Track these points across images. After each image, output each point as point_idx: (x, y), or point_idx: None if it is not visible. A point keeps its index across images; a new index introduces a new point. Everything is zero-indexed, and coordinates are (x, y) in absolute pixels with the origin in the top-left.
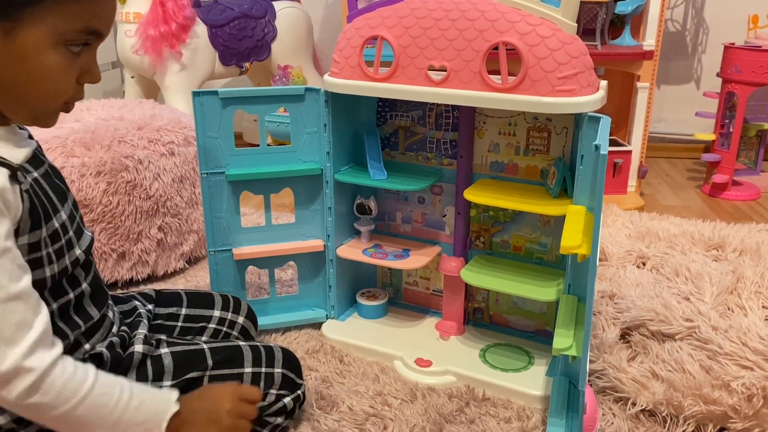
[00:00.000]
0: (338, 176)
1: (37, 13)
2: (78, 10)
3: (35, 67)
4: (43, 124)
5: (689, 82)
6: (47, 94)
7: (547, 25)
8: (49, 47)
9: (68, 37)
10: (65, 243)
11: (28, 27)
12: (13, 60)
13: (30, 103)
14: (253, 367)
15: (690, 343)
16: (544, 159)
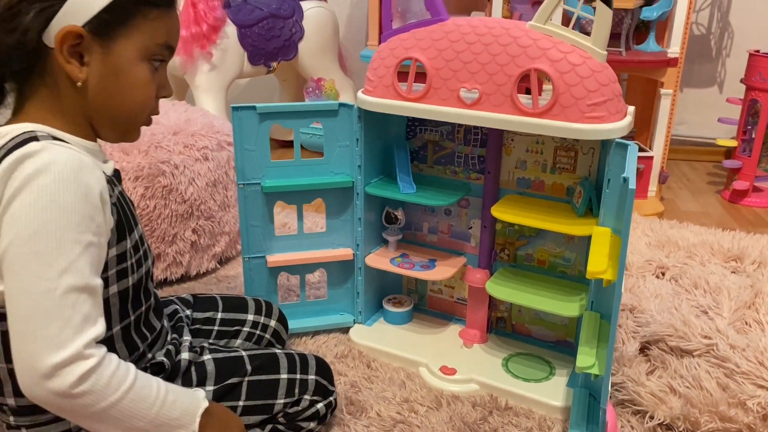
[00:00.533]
0: (369, 189)
1: (130, 30)
2: (160, 26)
3: (128, 80)
4: (130, 138)
5: (712, 86)
6: (137, 105)
7: (577, 53)
8: (138, 61)
9: (153, 51)
10: (142, 254)
11: (122, 43)
12: (109, 75)
13: (122, 116)
14: (289, 374)
15: (708, 360)
16: (570, 177)
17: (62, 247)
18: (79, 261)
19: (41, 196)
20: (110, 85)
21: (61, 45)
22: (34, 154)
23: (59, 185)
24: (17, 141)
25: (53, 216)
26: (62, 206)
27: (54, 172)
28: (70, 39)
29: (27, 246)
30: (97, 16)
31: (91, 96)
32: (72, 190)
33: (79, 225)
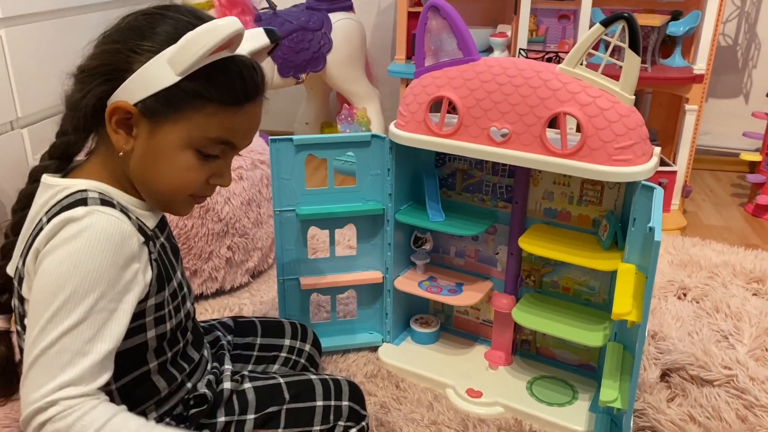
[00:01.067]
0: (399, 216)
1: (179, 118)
2: (216, 121)
3: (167, 163)
4: (174, 212)
5: (738, 97)
6: (173, 187)
7: (606, 98)
8: (180, 149)
9: (201, 144)
10: (180, 299)
11: (168, 128)
12: (150, 155)
13: (158, 192)
14: (324, 401)
15: (727, 391)
16: (596, 210)
17: (71, 310)
18: (81, 326)
19: (66, 259)
20: (148, 162)
21: (110, 116)
22: (77, 220)
23: (86, 252)
24: (69, 201)
25: (72, 280)
26: (83, 272)
27: (85, 239)
28: (120, 113)
29: (42, 301)
30: (149, 98)
31: (132, 166)
32: (98, 259)
33: (96, 291)
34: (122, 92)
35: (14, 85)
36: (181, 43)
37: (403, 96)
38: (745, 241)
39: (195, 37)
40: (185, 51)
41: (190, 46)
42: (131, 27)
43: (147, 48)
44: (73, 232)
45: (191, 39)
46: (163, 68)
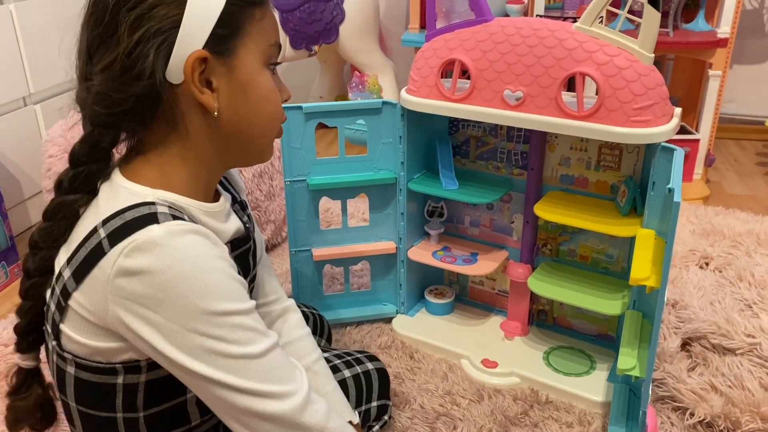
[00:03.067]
0: (411, 185)
1: (245, 38)
2: (268, 25)
3: (258, 93)
4: (266, 156)
5: (764, 62)
6: (271, 117)
7: (624, 56)
8: (261, 68)
9: (269, 53)
10: None
11: (242, 55)
12: (238, 93)
13: (258, 134)
14: (355, 407)
15: (750, 359)
16: (614, 175)
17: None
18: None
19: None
20: (241, 105)
21: (192, 75)
22: (154, 249)
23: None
24: (136, 217)
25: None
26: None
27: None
28: (198, 66)
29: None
30: (212, 34)
31: (225, 123)
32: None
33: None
34: (182, 47)
35: (26, 61)
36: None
37: (415, 60)
38: None
39: None
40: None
41: None
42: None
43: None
44: (163, 259)
45: None
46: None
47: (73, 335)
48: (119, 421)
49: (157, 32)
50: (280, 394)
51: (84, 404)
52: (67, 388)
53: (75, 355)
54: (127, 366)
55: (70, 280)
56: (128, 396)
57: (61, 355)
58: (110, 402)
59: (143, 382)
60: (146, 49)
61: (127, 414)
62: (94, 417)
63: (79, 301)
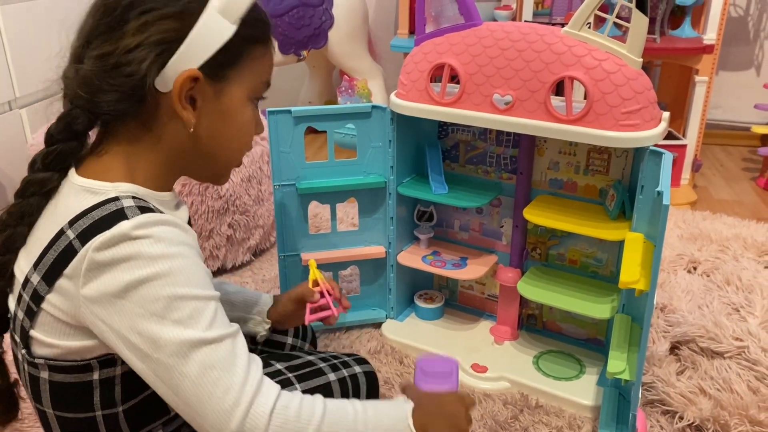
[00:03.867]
0: (401, 189)
1: (240, 71)
2: (264, 63)
3: (236, 123)
4: (223, 181)
5: (749, 69)
6: (241, 148)
7: (612, 60)
8: (246, 101)
9: (257, 89)
10: None
11: (233, 86)
12: (218, 118)
13: (223, 159)
14: None
15: (738, 363)
16: (603, 179)
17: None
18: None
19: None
20: (217, 129)
21: (180, 91)
22: (125, 242)
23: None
24: (104, 215)
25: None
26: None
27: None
28: (188, 84)
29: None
30: (212, 58)
31: (196, 140)
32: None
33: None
34: (180, 61)
35: (11, 65)
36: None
37: (404, 64)
38: (757, 215)
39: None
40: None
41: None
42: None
43: (190, 6)
44: (131, 249)
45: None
46: (218, 21)
47: (44, 338)
48: (99, 420)
49: (160, 41)
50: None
51: (61, 408)
52: (43, 395)
53: (47, 358)
54: (102, 360)
55: (41, 284)
56: (105, 392)
57: (32, 362)
58: (88, 401)
59: (119, 374)
60: (145, 53)
61: (106, 411)
62: (73, 420)
63: (53, 303)
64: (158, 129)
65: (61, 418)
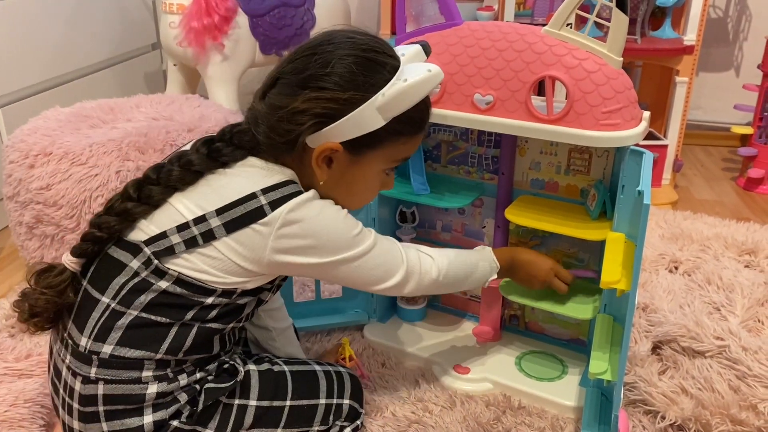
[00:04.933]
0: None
1: (379, 151)
2: (407, 148)
3: (361, 188)
4: (355, 208)
5: (728, 70)
6: (361, 202)
7: (593, 60)
8: (375, 174)
9: (393, 165)
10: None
11: (368, 162)
12: (348, 181)
13: (347, 204)
14: (327, 399)
15: (720, 362)
16: (584, 179)
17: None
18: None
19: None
20: (344, 186)
21: (319, 154)
22: (307, 204)
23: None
24: (291, 192)
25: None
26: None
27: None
28: (328, 152)
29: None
30: (355, 138)
31: (325, 188)
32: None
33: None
34: (330, 133)
35: None
36: (393, 95)
37: None
38: (737, 215)
39: (408, 90)
40: (397, 103)
41: (402, 98)
42: (333, 73)
43: (354, 97)
44: (315, 208)
45: (405, 92)
46: (373, 114)
47: (197, 262)
48: (171, 332)
49: (320, 115)
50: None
51: (150, 312)
52: (143, 296)
53: (182, 273)
54: (226, 290)
55: (220, 228)
56: (201, 312)
57: (159, 270)
58: (180, 314)
59: (223, 304)
60: (304, 119)
61: (187, 322)
62: (150, 325)
63: (231, 246)
64: (302, 169)
65: (140, 321)
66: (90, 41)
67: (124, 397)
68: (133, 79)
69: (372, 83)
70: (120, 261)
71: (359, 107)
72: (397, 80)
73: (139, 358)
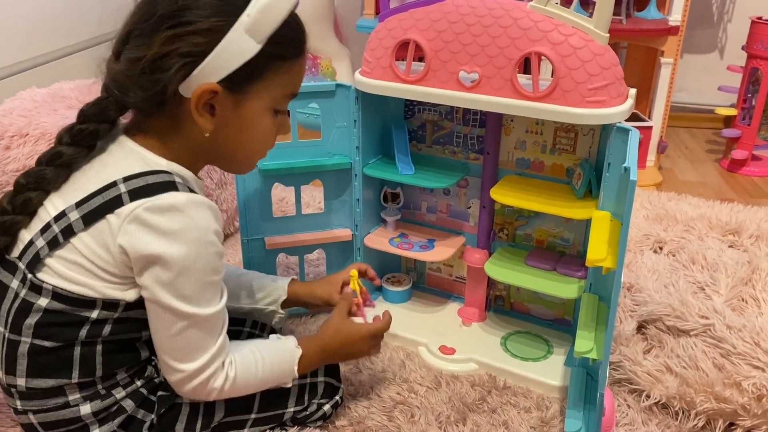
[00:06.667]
0: (367, 170)
1: (261, 85)
2: (289, 77)
3: (253, 131)
4: (245, 171)
5: (713, 52)
6: (257, 152)
7: (579, 36)
8: (265, 112)
9: (279, 101)
10: None
11: (253, 99)
12: (235, 125)
13: (240, 158)
14: (299, 379)
15: (704, 340)
16: (570, 158)
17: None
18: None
19: (185, 251)
20: (234, 134)
21: (198, 101)
22: (173, 212)
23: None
24: (157, 181)
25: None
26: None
27: (195, 233)
28: (206, 96)
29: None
30: (233, 73)
31: (213, 142)
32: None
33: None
34: (202, 73)
35: None
36: (258, 10)
37: (368, 41)
38: (721, 196)
39: (273, 3)
40: (265, 17)
41: (269, 12)
42: (188, 5)
43: (218, 24)
44: (179, 223)
45: (271, 5)
46: (244, 39)
47: (62, 269)
48: (75, 354)
49: (185, 54)
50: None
51: (42, 336)
52: (28, 319)
53: (56, 286)
54: (107, 302)
55: (78, 221)
56: (94, 328)
57: (35, 285)
58: (73, 334)
59: (113, 318)
60: (170, 63)
61: (86, 341)
62: (48, 351)
63: (86, 242)
64: (183, 128)
65: (36, 349)
66: (68, 22)
67: (60, 422)
68: None
69: (232, 3)
70: (3, 283)
71: (226, 35)
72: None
73: (56, 386)
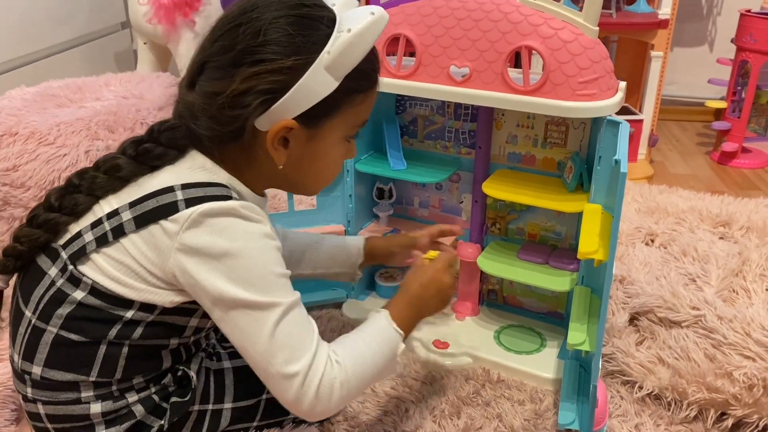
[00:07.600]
0: (359, 166)
1: (336, 118)
2: (363, 108)
3: (326, 161)
4: (312, 194)
5: (702, 45)
6: (328, 179)
7: (569, 29)
8: (337, 144)
9: (353, 130)
10: None
11: (327, 131)
12: (310, 158)
13: (311, 186)
14: None
15: (696, 331)
16: (561, 152)
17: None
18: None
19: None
20: (307, 165)
21: (274, 136)
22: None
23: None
24: (215, 194)
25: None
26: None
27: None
28: (283, 131)
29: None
30: (309, 109)
31: (285, 171)
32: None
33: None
34: (279, 110)
35: None
36: (340, 49)
37: None
38: (711, 188)
39: (354, 41)
40: (346, 57)
41: (351, 51)
42: (268, 41)
43: (302, 61)
44: (237, 222)
45: (352, 43)
46: (323, 77)
47: (106, 266)
48: (99, 353)
49: (265, 92)
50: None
51: (70, 329)
52: (60, 309)
53: (96, 281)
54: (145, 304)
55: (130, 222)
56: (125, 329)
57: (74, 277)
58: (102, 332)
59: (147, 321)
60: (249, 100)
61: (113, 341)
62: (73, 345)
63: (136, 244)
64: (256, 159)
65: (60, 340)
66: (56, 20)
67: (67, 417)
68: (103, 59)
69: (313, 42)
70: (41, 268)
71: (306, 72)
72: (339, 32)
73: (72, 380)
